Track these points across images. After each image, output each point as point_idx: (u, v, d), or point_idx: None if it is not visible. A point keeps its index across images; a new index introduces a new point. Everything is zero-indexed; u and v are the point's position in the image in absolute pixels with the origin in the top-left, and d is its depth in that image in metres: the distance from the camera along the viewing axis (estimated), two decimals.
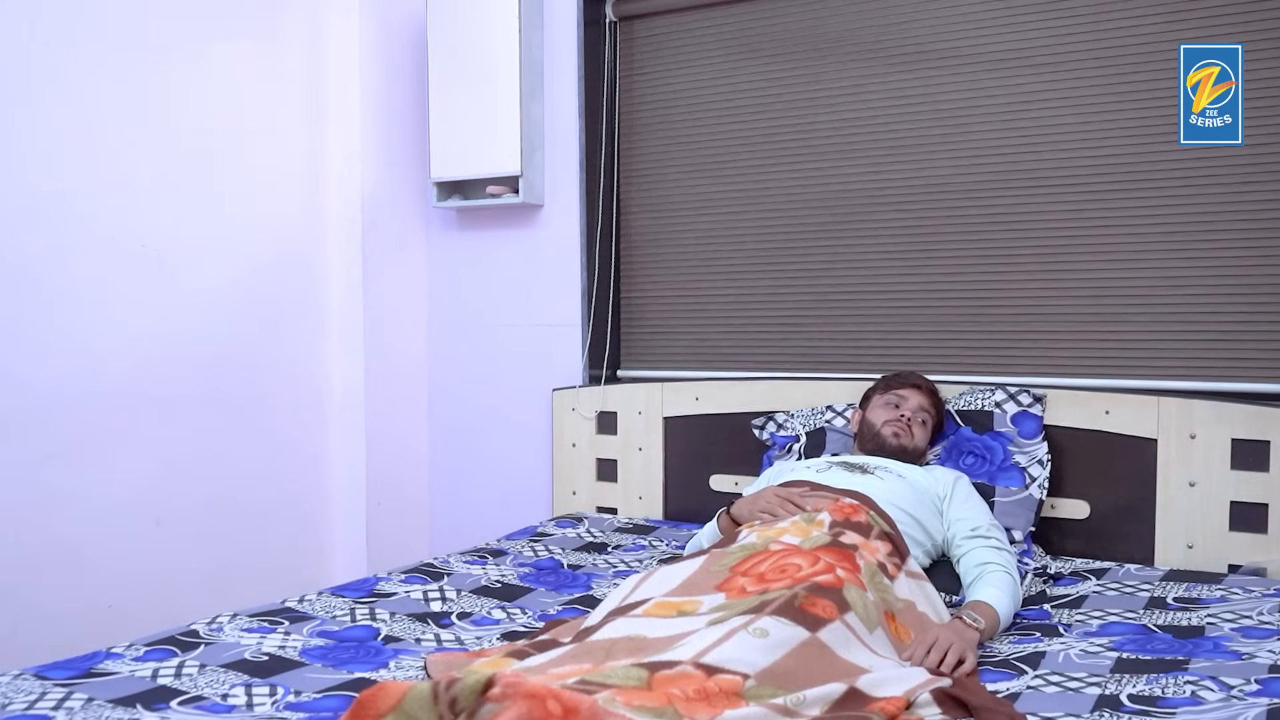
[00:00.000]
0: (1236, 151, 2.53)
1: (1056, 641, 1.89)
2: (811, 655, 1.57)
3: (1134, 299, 2.67)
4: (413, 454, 3.54)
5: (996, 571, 2.05)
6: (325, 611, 2.11)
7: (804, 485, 2.27)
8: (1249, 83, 2.50)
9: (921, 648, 1.74)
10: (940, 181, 2.88)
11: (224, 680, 1.70)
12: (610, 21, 3.32)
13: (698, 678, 1.43)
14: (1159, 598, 2.15)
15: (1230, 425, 2.42)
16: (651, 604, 1.77)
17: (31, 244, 2.55)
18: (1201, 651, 1.77)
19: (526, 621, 2.11)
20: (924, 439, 2.52)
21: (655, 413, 3.16)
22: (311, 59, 3.29)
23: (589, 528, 2.94)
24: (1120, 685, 1.63)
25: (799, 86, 3.06)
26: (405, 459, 3.49)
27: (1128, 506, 2.54)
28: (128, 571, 2.75)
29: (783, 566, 1.84)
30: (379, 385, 3.41)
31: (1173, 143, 2.59)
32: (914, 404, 2.53)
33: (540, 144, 3.32)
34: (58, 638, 2.49)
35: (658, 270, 3.32)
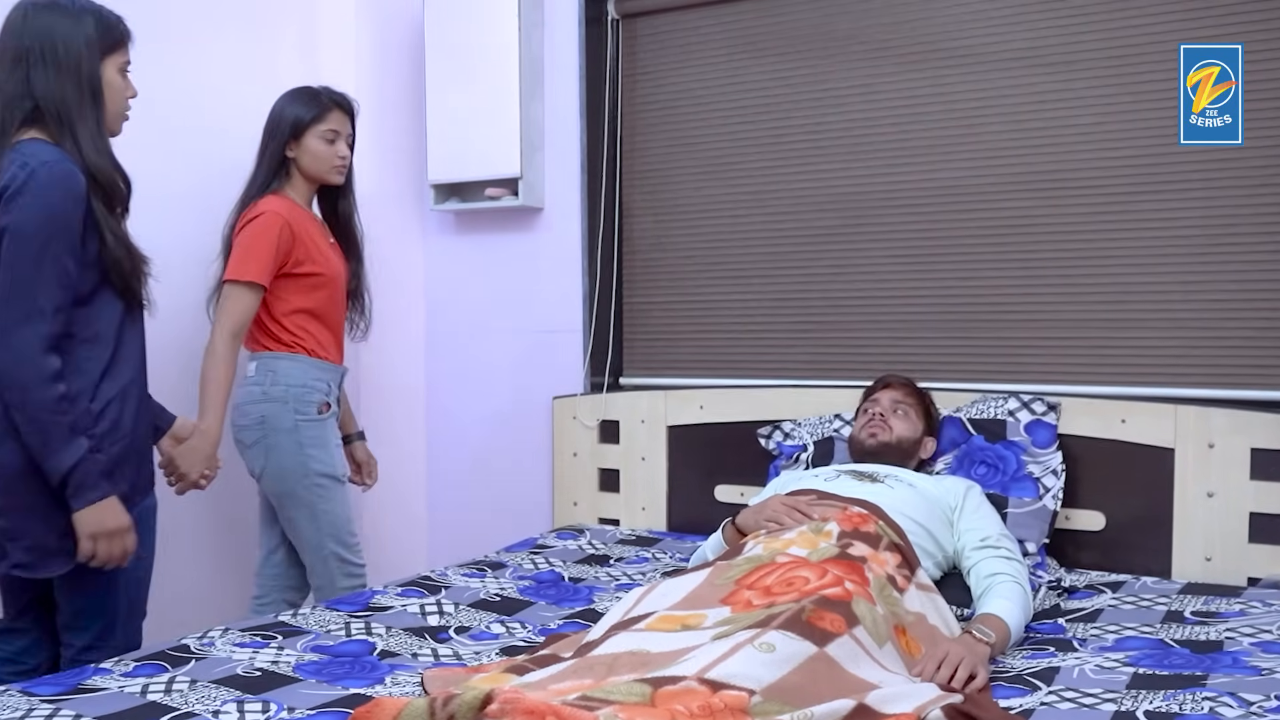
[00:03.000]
0: (1256, 154, 2.54)
1: (1071, 656, 1.89)
2: (819, 670, 1.57)
3: (1151, 304, 2.67)
4: (410, 463, 3.54)
5: (1006, 583, 2.05)
6: (320, 626, 2.12)
7: (811, 494, 2.27)
8: (1249, 83, 2.52)
9: (932, 663, 1.74)
10: (952, 184, 2.88)
11: (215, 696, 1.70)
12: (612, 19, 3.33)
13: (702, 693, 1.43)
14: (1176, 611, 2.15)
15: (1249, 434, 2.43)
16: (655, 618, 1.77)
17: None
18: (1220, 667, 1.77)
19: (526, 636, 2.12)
20: (908, 429, 2.53)
21: (659, 421, 3.16)
22: (305, 57, 3.30)
23: (591, 539, 2.94)
24: (1137, 702, 1.63)
25: (807, 86, 3.06)
26: (402, 468, 3.50)
27: (1144, 518, 2.54)
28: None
29: (790, 579, 1.85)
30: (375, 393, 3.42)
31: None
32: (886, 401, 2.57)
33: (540, 145, 3.32)
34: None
35: (661, 275, 3.32)
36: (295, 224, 2.61)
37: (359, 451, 2.95)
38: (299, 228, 2.62)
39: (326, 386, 2.68)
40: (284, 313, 2.63)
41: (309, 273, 2.64)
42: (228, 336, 2.51)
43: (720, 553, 2.28)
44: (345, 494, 2.72)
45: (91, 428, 2.02)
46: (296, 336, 2.65)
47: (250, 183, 2.68)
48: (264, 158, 2.68)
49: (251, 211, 2.60)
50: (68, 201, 1.95)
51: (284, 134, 2.66)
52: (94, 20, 2.05)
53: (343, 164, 2.72)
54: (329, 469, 2.66)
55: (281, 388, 2.61)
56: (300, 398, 2.62)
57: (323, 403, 2.65)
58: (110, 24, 2.09)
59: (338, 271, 2.72)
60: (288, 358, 2.63)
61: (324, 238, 2.73)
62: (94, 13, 2.07)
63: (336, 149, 2.69)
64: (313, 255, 2.64)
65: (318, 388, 2.65)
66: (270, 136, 2.68)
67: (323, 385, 2.67)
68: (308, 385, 2.63)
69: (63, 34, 2.01)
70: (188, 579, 2.92)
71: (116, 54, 2.10)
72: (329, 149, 2.68)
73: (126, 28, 2.13)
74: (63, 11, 2.03)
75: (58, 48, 2.01)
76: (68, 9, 2.04)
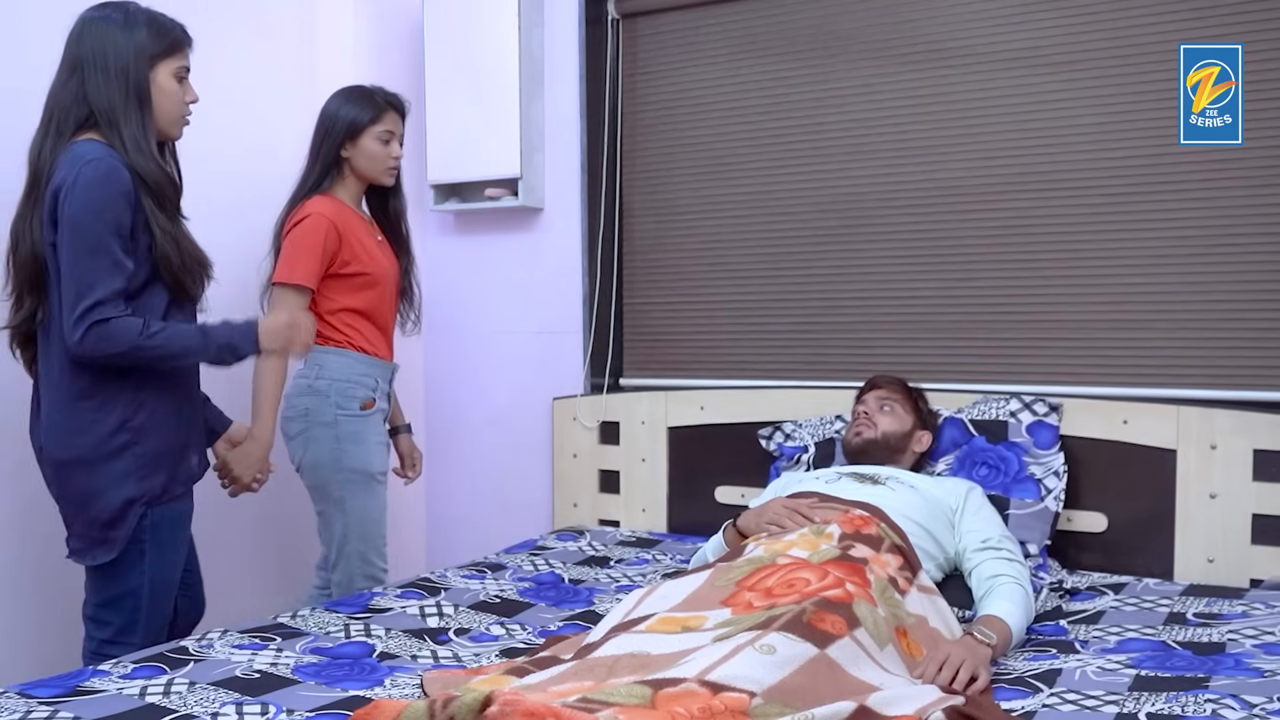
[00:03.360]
0: (1258, 154, 2.54)
1: (1073, 658, 1.89)
2: (820, 672, 1.57)
3: (1153, 305, 2.68)
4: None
5: (1008, 584, 2.06)
6: (319, 627, 2.12)
7: (812, 496, 2.28)
8: (1249, 83, 2.52)
9: (933, 665, 1.74)
10: (953, 184, 2.88)
11: (214, 699, 1.71)
12: (613, 19, 3.33)
13: (703, 695, 1.43)
14: (1179, 613, 2.15)
15: (1252, 435, 2.43)
16: (655, 619, 1.77)
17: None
18: (1223, 669, 1.77)
19: (526, 638, 2.12)
20: (894, 423, 2.54)
21: (659, 422, 3.16)
22: (303, 57, 3.31)
23: (591, 541, 2.95)
24: (1139, 704, 1.63)
25: (808, 86, 3.07)
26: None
27: (1146, 519, 2.54)
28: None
29: (791, 581, 1.85)
30: None
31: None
32: (872, 401, 2.59)
33: (540, 145, 3.33)
34: (42, 654, 2.49)
35: (661, 275, 3.32)
36: (342, 225, 2.63)
37: (403, 444, 2.98)
38: (345, 228, 2.63)
39: (373, 383, 2.69)
40: (331, 311, 2.66)
41: (356, 273, 2.65)
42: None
43: (721, 554, 2.29)
44: (378, 493, 2.72)
45: (130, 419, 2.13)
46: (345, 334, 2.67)
47: (301, 182, 2.71)
48: (317, 158, 2.70)
49: (299, 213, 2.62)
50: (113, 196, 2.05)
51: (339, 134, 2.67)
52: (147, 28, 2.15)
53: (395, 165, 2.74)
54: (363, 465, 2.66)
55: (326, 381, 2.63)
56: (344, 392, 2.64)
57: (367, 399, 2.67)
58: (164, 30, 2.18)
59: (385, 270, 2.73)
60: (336, 352, 2.66)
61: (371, 236, 2.74)
62: (148, 21, 2.16)
63: (390, 150, 2.71)
64: (359, 255, 2.65)
65: (363, 383, 2.67)
66: (324, 136, 2.69)
67: (369, 381, 2.68)
68: (353, 380, 2.65)
69: (114, 42, 2.12)
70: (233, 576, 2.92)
71: (170, 59, 2.19)
72: (383, 150, 2.70)
73: (182, 34, 2.22)
74: (117, 21, 2.14)
75: (109, 56, 2.11)
76: (122, 18, 2.14)
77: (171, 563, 2.23)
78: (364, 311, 2.69)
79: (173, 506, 2.20)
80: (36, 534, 2.59)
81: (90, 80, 2.11)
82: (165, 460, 2.18)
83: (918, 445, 2.57)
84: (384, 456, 2.75)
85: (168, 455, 2.18)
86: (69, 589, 2.67)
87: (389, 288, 2.75)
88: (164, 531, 2.18)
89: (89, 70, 2.11)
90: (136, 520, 2.13)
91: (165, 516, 2.18)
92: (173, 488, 2.19)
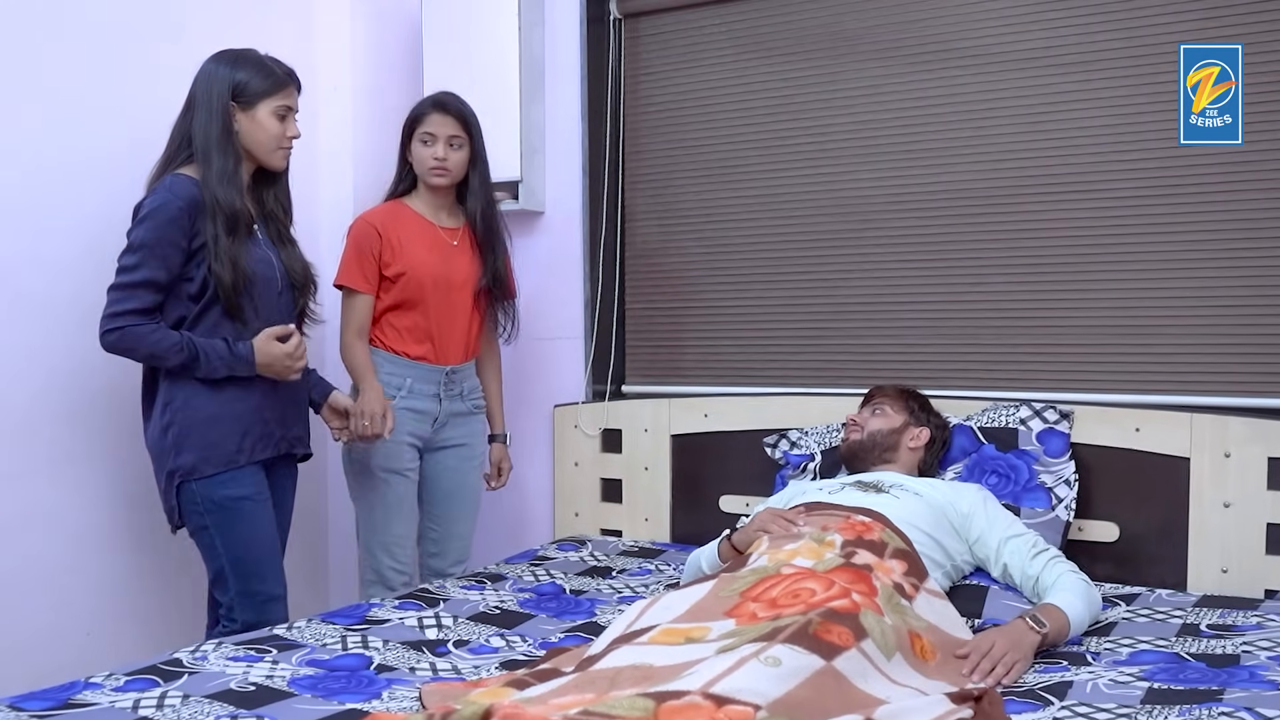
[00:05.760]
0: (1271, 156, 2.54)
1: (1084, 671, 1.89)
2: (826, 685, 1.57)
3: (1166, 310, 2.68)
4: None
5: (1071, 577, 2.14)
6: (315, 639, 2.12)
7: (813, 506, 2.29)
8: (1249, 83, 2.53)
9: (977, 654, 1.84)
10: (962, 187, 2.89)
11: (208, 711, 1.71)
12: (615, 19, 3.34)
13: (707, 708, 1.43)
14: (1192, 624, 2.15)
15: (1267, 443, 2.43)
16: (658, 631, 1.77)
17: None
18: (1237, 681, 1.77)
19: (527, 649, 2.12)
20: (882, 422, 2.56)
21: (662, 430, 3.16)
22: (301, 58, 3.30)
23: (592, 551, 2.95)
24: (1151, 717, 1.63)
25: (814, 87, 3.07)
26: None
27: (1159, 529, 2.54)
28: (108, 596, 2.76)
29: (796, 591, 1.85)
30: None
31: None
32: (864, 410, 2.62)
33: (541, 148, 3.33)
34: (33, 666, 2.49)
35: (664, 280, 3.33)
36: (386, 227, 2.79)
37: (494, 453, 3.06)
38: (390, 230, 2.79)
39: (399, 381, 2.79)
40: (379, 311, 2.82)
41: (395, 274, 2.78)
42: (351, 338, 2.79)
43: (714, 567, 2.29)
44: (386, 490, 2.82)
45: (170, 401, 2.39)
46: (380, 333, 2.83)
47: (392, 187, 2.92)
48: (400, 161, 2.88)
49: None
50: (165, 213, 2.30)
51: (404, 136, 2.84)
52: (249, 69, 2.41)
53: (439, 167, 2.79)
54: (367, 460, 2.79)
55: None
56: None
57: (390, 397, 2.76)
58: (267, 71, 2.43)
59: (430, 269, 2.80)
60: (371, 351, 2.80)
61: (423, 238, 2.82)
62: (256, 63, 2.43)
63: (433, 151, 2.79)
64: (399, 256, 2.78)
65: (389, 382, 2.77)
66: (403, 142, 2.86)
67: (394, 380, 2.78)
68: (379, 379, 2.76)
69: (217, 81, 2.40)
70: (180, 592, 2.92)
71: (273, 98, 2.43)
72: (425, 150, 2.79)
73: (285, 75, 2.47)
74: (225, 62, 2.42)
75: (211, 94, 2.39)
76: (230, 60, 2.42)
77: (243, 542, 2.41)
78: (403, 309, 2.82)
79: (218, 487, 2.37)
80: (27, 543, 2.59)
81: (197, 118, 2.38)
82: (193, 440, 2.36)
83: (912, 442, 2.56)
84: (400, 454, 2.81)
85: (196, 435, 2.37)
86: (65, 598, 2.67)
87: (439, 288, 2.82)
88: (222, 514, 2.38)
89: (198, 108, 2.39)
90: (175, 492, 2.38)
91: (215, 496, 2.37)
92: (202, 466, 2.37)
